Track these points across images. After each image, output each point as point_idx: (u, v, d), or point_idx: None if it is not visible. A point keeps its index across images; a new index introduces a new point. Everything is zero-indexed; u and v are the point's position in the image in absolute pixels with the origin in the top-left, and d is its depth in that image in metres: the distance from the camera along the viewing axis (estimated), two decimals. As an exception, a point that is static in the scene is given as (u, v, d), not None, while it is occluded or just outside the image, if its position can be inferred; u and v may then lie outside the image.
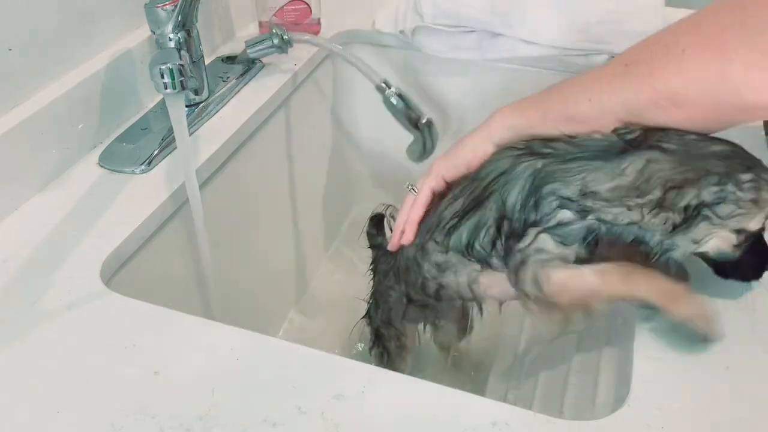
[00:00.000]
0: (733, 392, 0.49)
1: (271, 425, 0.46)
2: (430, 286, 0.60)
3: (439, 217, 0.57)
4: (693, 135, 0.48)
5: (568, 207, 0.49)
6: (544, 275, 0.51)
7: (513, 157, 0.53)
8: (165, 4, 0.73)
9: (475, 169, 0.56)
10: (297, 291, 1.06)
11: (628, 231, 0.49)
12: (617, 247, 0.50)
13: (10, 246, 0.61)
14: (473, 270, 0.57)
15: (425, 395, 0.49)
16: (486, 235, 0.54)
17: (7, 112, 0.65)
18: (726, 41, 0.45)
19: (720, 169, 0.46)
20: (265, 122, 0.87)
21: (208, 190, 0.76)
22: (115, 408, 0.47)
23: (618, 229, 0.49)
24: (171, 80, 0.70)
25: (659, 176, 0.46)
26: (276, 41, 0.87)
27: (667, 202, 0.46)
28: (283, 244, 0.98)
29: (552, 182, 0.50)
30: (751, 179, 0.46)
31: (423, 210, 0.60)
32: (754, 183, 0.46)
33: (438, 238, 0.57)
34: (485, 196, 0.53)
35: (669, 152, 0.47)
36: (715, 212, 0.46)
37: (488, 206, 0.53)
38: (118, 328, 0.54)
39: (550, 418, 0.47)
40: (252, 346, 0.53)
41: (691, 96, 0.46)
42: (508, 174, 0.52)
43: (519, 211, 0.51)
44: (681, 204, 0.46)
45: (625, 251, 0.50)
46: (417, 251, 0.60)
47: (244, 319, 0.90)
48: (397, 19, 0.99)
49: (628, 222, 0.48)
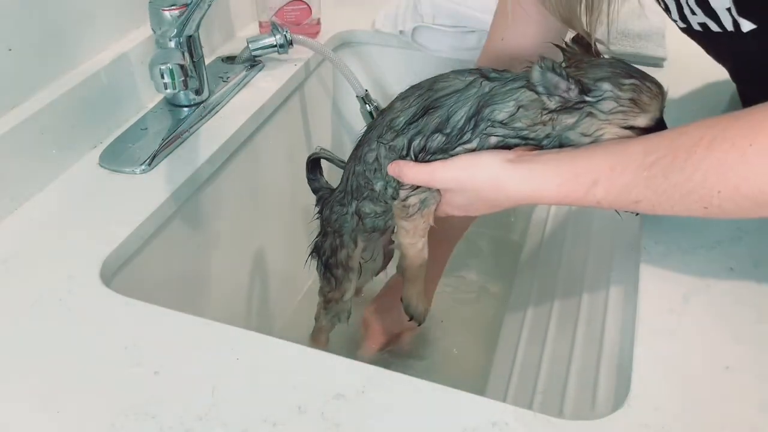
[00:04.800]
0: (733, 392, 0.49)
1: (271, 425, 0.46)
2: (378, 186, 0.65)
3: (391, 122, 0.61)
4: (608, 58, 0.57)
5: (495, 134, 0.56)
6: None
7: (468, 79, 0.58)
8: (172, 8, 0.73)
9: (431, 81, 0.60)
10: (297, 290, 1.06)
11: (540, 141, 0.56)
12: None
13: (10, 246, 0.61)
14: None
15: (425, 395, 0.49)
16: (419, 144, 0.59)
17: (7, 112, 0.65)
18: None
19: (606, 74, 0.53)
20: (265, 122, 0.87)
21: (209, 190, 0.76)
22: (115, 408, 0.47)
23: (532, 141, 0.55)
24: (171, 80, 0.70)
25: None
26: (278, 39, 0.87)
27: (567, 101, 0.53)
28: (283, 243, 0.98)
29: (492, 105, 0.56)
30: (631, 83, 0.53)
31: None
32: (633, 86, 0.53)
33: (386, 139, 0.61)
34: (434, 107, 0.58)
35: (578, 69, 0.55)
36: (597, 108, 0.53)
37: (433, 117, 0.58)
38: (118, 328, 0.54)
39: (550, 418, 0.47)
40: (252, 346, 0.53)
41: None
42: (460, 93, 0.57)
43: (458, 129, 0.57)
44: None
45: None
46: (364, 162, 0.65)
47: (244, 319, 0.90)
48: (397, 19, 0.99)
49: (544, 136, 0.55)
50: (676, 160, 0.46)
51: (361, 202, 0.67)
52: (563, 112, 0.53)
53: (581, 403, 0.58)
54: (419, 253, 0.65)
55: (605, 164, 0.50)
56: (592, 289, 0.70)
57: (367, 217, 0.69)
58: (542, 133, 0.55)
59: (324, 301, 0.80)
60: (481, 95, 0.57)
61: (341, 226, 0.72)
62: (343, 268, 0.75)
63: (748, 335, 0.53)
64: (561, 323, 0.72)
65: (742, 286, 0.57)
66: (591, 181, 0.51)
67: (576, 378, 0.62)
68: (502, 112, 0.55)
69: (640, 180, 0.48)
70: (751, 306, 0.56)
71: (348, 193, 0.69)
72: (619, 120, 0.53)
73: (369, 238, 0.74)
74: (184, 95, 0.80)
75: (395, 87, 1.07)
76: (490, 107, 0.56)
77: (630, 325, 0.56)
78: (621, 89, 0.53)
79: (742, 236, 0.62)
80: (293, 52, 0.90)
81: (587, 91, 0.53)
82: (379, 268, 0.83)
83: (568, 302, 0.74)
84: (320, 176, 0.78)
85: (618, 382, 0.54)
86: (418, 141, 0.59)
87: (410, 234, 0.63)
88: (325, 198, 0.76)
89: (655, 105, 0.54)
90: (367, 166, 0.64)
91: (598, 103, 0.53)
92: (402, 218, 0.62)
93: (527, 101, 0.55)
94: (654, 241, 0.62)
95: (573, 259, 0.80)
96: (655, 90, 0.54)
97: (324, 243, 0.76)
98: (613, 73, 0.53)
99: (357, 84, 0.93)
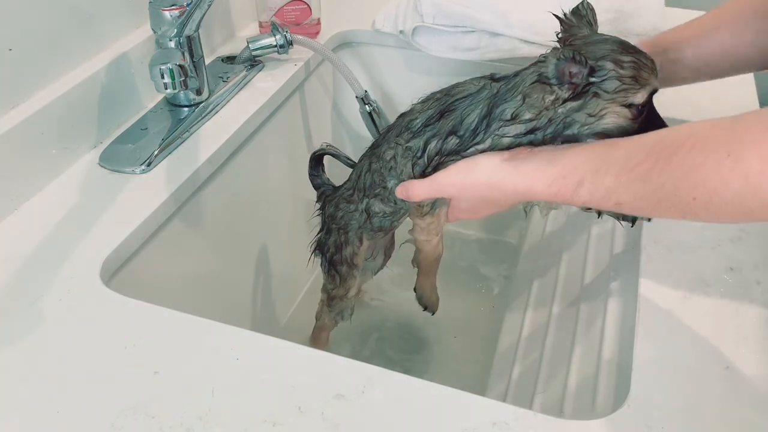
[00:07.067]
0: (733, 392, 0.49)
1: (271, 425, 0.46)
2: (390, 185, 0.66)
3: (409, 123, 0.62)
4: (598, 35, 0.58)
5: (507, 135, 0.57)
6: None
7: (481, 83, 0.60)
8: (172, 8, 0.73)
9: (450, 86, 0.62)
10: (297, 290, 1.06)
11: (545, 133, 0.56)
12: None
13: (10, 246, 0.61)
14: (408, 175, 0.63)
15: (425, 395, 0.49)
16: (435, 146, 0.60)
17: (7, 112, 0.65)
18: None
19: (605, 52, 0.54)
20: (265, 122, 0.87)
21: (209, 189, 0.76)
22: (115, 408, 0.47)
23: (538, 134, 0.56)
24: (171, 80, 0.70)
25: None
26: (278, 39, 0.87)
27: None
28: (283, 243, 0.98)
29: (501, 103, 0.57)
30: (630, 60, 0.54)
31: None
32: (633, 63, 0.54)
33: (403, 139, 0.63)
34: (449, 110, 0.60)
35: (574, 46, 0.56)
36: (601, 88, 0.54)
37: (448, 120, 0.59)
38: (118, 328, 0.54)
39: (550, 418, 0.47)
40: (252, 346, 0.53)
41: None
42: (473, 96, 0.59)
43: (471, 131, 0.58)
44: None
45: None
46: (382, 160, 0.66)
47: (244, 319, 0.90)
48: (397, 19, 0.99)
49: (548, 120, 0.55)
50: (655, 167, 0.46)
51: (371, 199, 0.69)
52: (574, 98, 0.54)
53: (581, 403, 0.58)
54: (434, 249, 0.68)
55: (589, 167, 0.51)
56: (592, 290, 0.70)
57: (375, 216, 0.70)
58: (545, 118, 0.56)
59: (328, 298, 0.81)
60: (491, 96, 0.58)
61: (347, 223, 0.73)
62: (347, 265, 0.76)
63: (748, 335, 0.53)
64: (561, 323, 0.72)
65: (742, 286, 0.57)
66: (576, 182, 0.51)
67: (576, 378, 0.62)
68: (511, 108, 0.56)
69: (621, 184, 0.49)
70: (751, 306, 0.56)
71: (359, 190, 0.70)
72: (621, 98, 0.54)
73: (374, 236, 0.74)
74: (184, 95, 0.80)
75: (395, 87, 1.07)
76: (500, 107, 0.57)
77: (630, 325, 0.56)
78: (622, 67, 0.53)
79: (742, 236, 0.62)
80: (293, 52, 0.90)
81: (592, 72, 0.53)
82: (379, 266, 0.83)
83: (568, 302, 0.74)
84: (322, 173, 0.79)
85: (618, 382, 0.54)
86: (434, 143, 0.60)
87: (425, 231, 0.66)
88: (327, 195, 0.77)
89: (652, 79, 0.55)
90: (384, 163, 0.65)
91: (603, 82, 0.53)
92: (417, 216, 0.65)
93: (529, 89, 0.55)
94: (654, 241, 0.62)
95: (573, 259, 0.80)
96: (651, 64, 0.55)
97: (328, 240, 0.76)
98: (612, 51, 0.54)
99: (356, 84, 0.93)
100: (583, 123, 0.55)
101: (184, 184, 0.70)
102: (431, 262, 0.70)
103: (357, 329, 0.94)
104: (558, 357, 0.68)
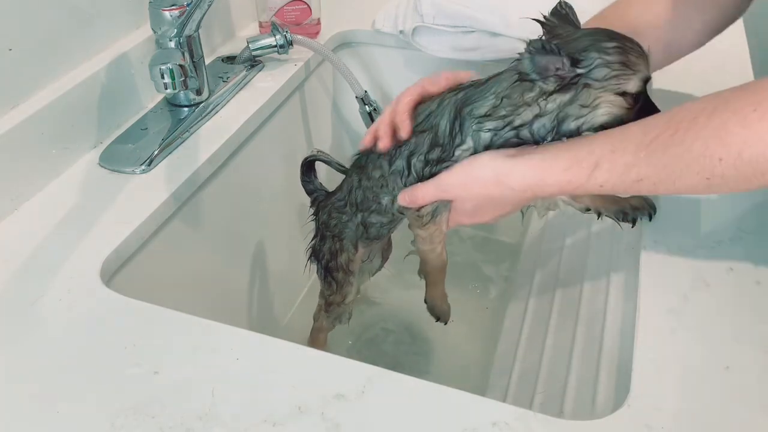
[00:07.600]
0: (733, 392, 0.49)
1: (271, 425, 0.46)
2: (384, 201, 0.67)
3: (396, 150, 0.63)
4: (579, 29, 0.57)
5: (484, 129, 0.56)
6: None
7: (438, 99, 0.60)
8: (172, 8, 0.73)
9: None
10: (297, 291, 1.06)
11: (532, 129, 0.56)
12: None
13: (10, 246, 0.61)
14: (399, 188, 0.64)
15: (425, 395, 0.49)
16: (419, 159, 0.61)
17: (7, 112, 0.65)
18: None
19: (587, 43, 0.53)
20: (265, 122, 0.87)
21: (209, 190, 0.76)
22: (115, 408, 0.47)
23: (525, 130, 0.56)
24: (171, 80, 0.70)
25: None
26: (278, 39, 0.87)
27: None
28: (284, 243, 0.98)
29: (470, 104, 0.57)
30: (614, 45, 0.53)
31: (409, 107, 0.62)
32: (618, 48, 0.53)
33: (385, 159, 0.64)
34: (419, 131, 0.61)
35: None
36: (590, 77, 0.53)
37: (423, 138, 0.60)
38: (118, 328, 0.54)
39: (550, 418, 0.47)
40: (252, 346, 0.53)
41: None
42: (435, 110, 0.60)
43: (448, 136, 0.58)
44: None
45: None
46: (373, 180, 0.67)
47: (244, 319, 0.90)
48: (397, 19, 0.99)
49: (533, 116, 0.55)
50: (677, 133, 0.46)
51: (366, 213, 0.69)
52: (561, 91, 0.53)
53: (581, 403, 0.58)
54: (438, 258, 0.67)
55: (606, 148, 0.51)
56: (592, 290, 0.70)
57: (372, 227, 0.70)
58: (530, 114, 0.55)
59: (325, 304, 0.80)
60: (455, 101, 0.58)
61: (341, 231, 0.73)
62: (343, 272, 0.75)
63: (748, 335, 0.53)
64: (561, 323, 0.72)
65: (742, 286, 0.57)
66: (593, 164, 0.51)
67: (576, 378, 0.62)
68: (483, 107, 0.56)
69: (641, 159, 0.48)
70: (751, 306, 0.56)
71: (352, 205, 0.70)
72: (613, 86, 0.53)
73: (369, 244, 0.74)
74: (184, 95, 0.80)
75: (395, 87, 1.07)
76: (469, 106, 0.57)
77: (630, 325, 0.56)
78: (607, 53, 0.53)
79: (742, 236, 0.62)
80: (293, 52, 0.90)
81: (577, 63, 0.53)
82: (377, 268, 0.83)
83: (568, 302, 0.74)
84: (315, 178, 0.78)
85: (618, 382, 0.54)
86: (416, 159, 0.60)
87: (427, 241, 0.65)
88: (320, 200, 0.76)
89: (643, 64, 0.54)
90: (374, 182, 0.65)
91: (590, 72, 0.53)
92: (418, 227, 0.64)
93: (509, 90, 0.55)
94: (654, 241, 0.62)
95: (573, 259, 0.80)
96: (639, 49, 0.54)
97: (323, 247, 0.76)
98: (594, 40, 0.54)
99: (356, 84, 0.93)
100: (578, 115, 0.54)
101: (184, 184, 0.70)
102: (437, 271, 0.69)
103: (357, 329, 0.94)
104: (558, 357, 0.68)
